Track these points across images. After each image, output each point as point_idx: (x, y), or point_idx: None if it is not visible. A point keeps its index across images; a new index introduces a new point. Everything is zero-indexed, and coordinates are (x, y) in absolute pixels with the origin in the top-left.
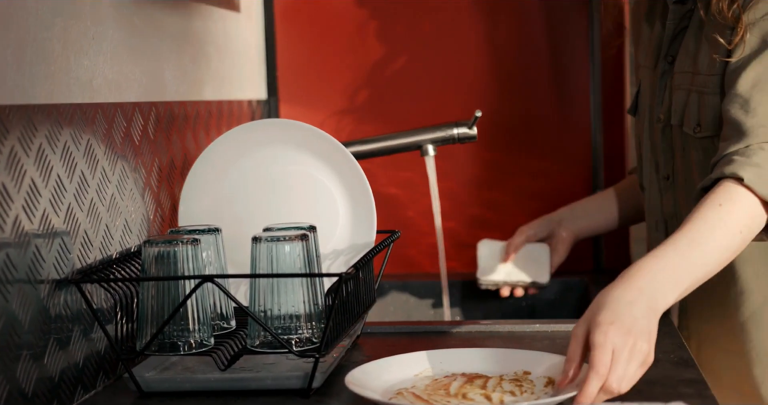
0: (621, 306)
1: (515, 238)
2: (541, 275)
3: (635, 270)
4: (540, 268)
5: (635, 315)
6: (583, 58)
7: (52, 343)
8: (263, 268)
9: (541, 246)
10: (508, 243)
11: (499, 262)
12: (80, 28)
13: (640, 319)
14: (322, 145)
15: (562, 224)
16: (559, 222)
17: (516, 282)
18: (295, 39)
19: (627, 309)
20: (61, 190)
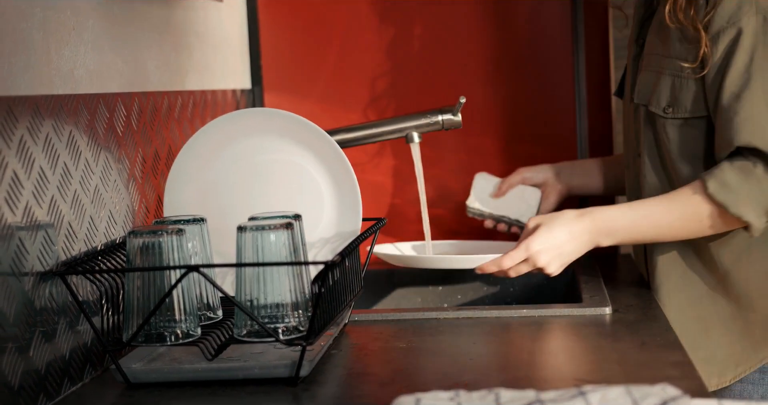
0: (564, 232)
1: (511, 176)
2: (526, 216)
3: (597, 213)
4: (527, 209)
5: (568, 247)
6: (567, 43)
7: (38, 335)
8: (249, 258)
9: (534, 189)
10: (503, 180)
11: (490, 196)
12: (60, 19)
13: (569, 251)
14: (307, 134)
15: (560, 175)
16: (558, 172)
17: (501, 216)
18: (278, 27)
19: (567, 237)
20: (44, 181)
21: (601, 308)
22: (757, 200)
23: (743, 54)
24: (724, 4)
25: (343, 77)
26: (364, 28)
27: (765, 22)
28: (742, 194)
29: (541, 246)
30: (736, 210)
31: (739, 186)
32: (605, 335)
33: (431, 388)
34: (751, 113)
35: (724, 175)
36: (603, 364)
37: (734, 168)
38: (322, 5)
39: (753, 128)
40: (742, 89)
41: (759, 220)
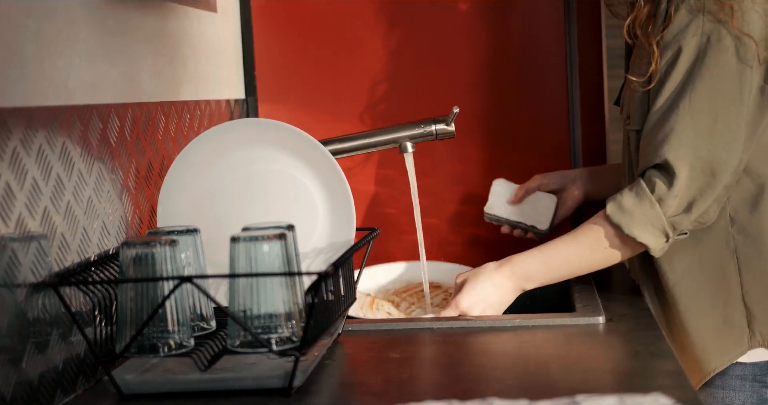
0: (488, 285)
1: (529, 182)
2: (543, 222)
3: (513, 261)
4: (543, 216)
5: (493, 298)
6: (560, 52)
7: (31, 346)
8: (242, 268)
9: (551, 196)
10: (520, 186)
11: (507, 202)
12: (54, 30)
13: (496, 300)
14: (301, 144)
15: (577, 182)
16: (574, 179)
17: (517, 222)
18: (272, 38)
19: (491, 289)
20: (37, 193)
21: (594, 317)
22: (651, 222)
23: (680, 70)
24: (675, 21)
25: (337, 87)
26: (358, 39)
27: (708, 43)
28: (635, 216)
29: (469, 302)
30: (629, 231)
31: (634, 208)
32: (598, 344)
33: (424, 399)
34: (673, 128)
35: (623, 198)
36: (596, 373)
37: (632, 192)
38: (315, 16)
39: (671, 142)
40: (672, 103)
41: (656, 240)
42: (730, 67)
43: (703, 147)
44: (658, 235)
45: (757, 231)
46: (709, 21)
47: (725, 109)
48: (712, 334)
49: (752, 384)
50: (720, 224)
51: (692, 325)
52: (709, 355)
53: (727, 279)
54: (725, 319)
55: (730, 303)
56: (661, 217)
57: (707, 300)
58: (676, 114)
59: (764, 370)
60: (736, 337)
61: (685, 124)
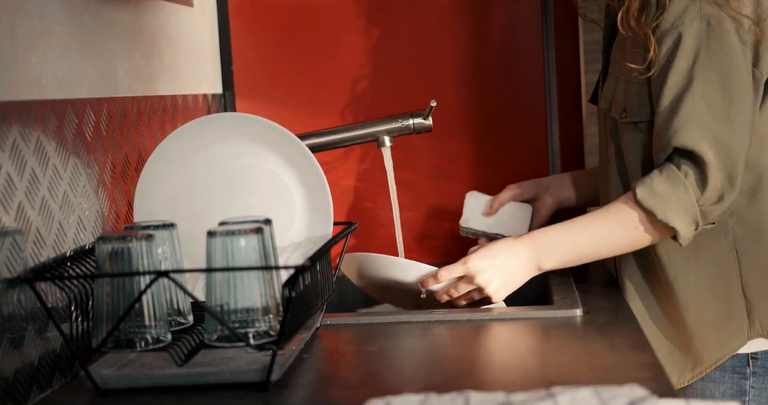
0: (503, 252)
1: (502, 193)
2: (520, 232)
3: (533, 233)
4: (519, 226)
5: (508, 266)
6: (537, 47)
7: (6, 342)
8: (219, 263)
9: (525, 206)
10: (494, 198)
11: (482, 214)
12: (28, 25)
13: (509, 269)
14: (278, 139)
15: (550, 189)
16: (547, 187)
17: (494, 234)
18: (249, 32)
19: (506, 256)
20: (11, 188)
21: (571, 310)
22: (684, 208)
23: (685, 56)
24: (670, 8)
25: (314, 82)
26: (335, 33)
27: (708, 27)
28: (669, 201)
29: (480, 262)
30: (662, 216)
31: (667, 193)
32: (576, 337)
33: (402, 392)
34: (689, 115)
35: (653, 182)
36: (573, 365)
37: (663, 176)
38: (292, 11)
39: (690, 130)
40: (683, 91)
41: (686, 228)
42: (735, 50)
43: (723, 134)
44: (689, 222)
45: (755, 222)
46: (706, 4)
47: (738, 91)
48: (712, 326)
49: (731, 375)
50: None
51: (692, 318)
52: (710, 346)
53: (726, 270)
54: (725, 310)
55: (730, 295)
56: (694, 203)
57: (707, 292)
58: (690, 101)
59: (744, 361)
60: (735, 329)
61: (701, 111)
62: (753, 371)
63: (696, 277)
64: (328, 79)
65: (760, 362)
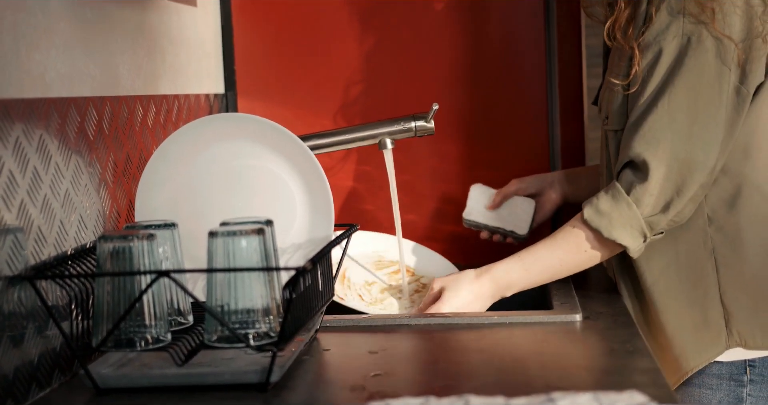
0: (469, 294)
1: (507, 187)
2: (521, 227)
3: (492, 270)
4: (522, 221)
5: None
6: (539, 51)
7: (6, 340)
8: (220, 263)
9: (529, 200)
10: (498, 191)
11: (485, 207)
12: (31, 22)
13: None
14: (279, 139)
15: (554, 185)
16: (552, 182)
17: (496, 228)
18: (252, 32)
19: (471, 297)
20: (13, 185)
21: (571, 315)
22: (629, 224)
23: (661, 71)
24: (655, 23)
25: (317, 83)
26: (339, 34)
27: (688, 43)
28: (614, 218)
29: (449, 310)
30: (608, 234)
31: (611, 211)
32: (575, 342)
33: (401, 395)
34: (650, 127)
35: (599, 202)
36: (572, 370)
37: (608, 195)
38: (296, 11)
39: (648, 141)
40: (650, 104)
41: (634, 241)
42: (710, 69)
43: (681, 147)
44: (636, 235)
45: (734, 230)
46: (689, 22)
47: (704, 110)
48: (689, 334)
49: (729, 383)
50: (698, 223)
51: (670, 325)
52: (687, 354)
53: (704, 278)
54: (703, 318)
55: (708, 302)
56: (638, 217)
57: (685, 299)
58: (655, 114)
59: (741, 368)
60: (713, 337)
61: (663, 124)
62: (750, 379)
63: (674, 284)
64: (331, 80)
65: (757, 370)
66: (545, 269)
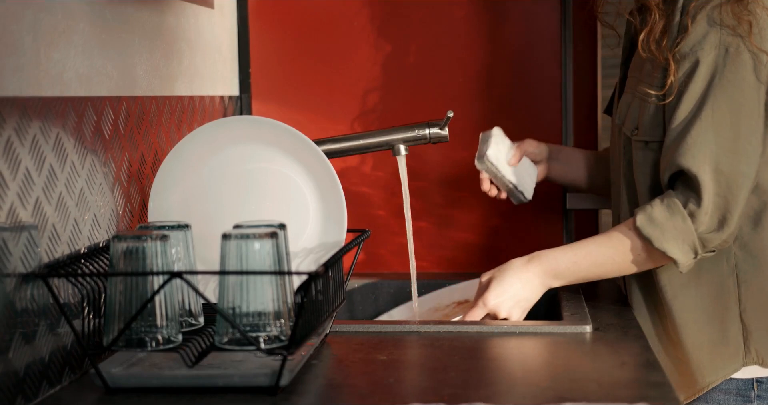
0: (516, 281)
1: (524, 145)
2: (528, 191)
3: (542, 257)
4: (528, 184)
5: (522, 294)
6: (554, 60)
7: (18, 337)
8: (233, 265)
9: (533, 165)
10: (517, 146)
11: (503, 155)
12: (51, 21)
13: (524, 297)
14: (294, 143)
15: (549, 156)
16: (549, 154)
17: (510, 182)
18: (268, 36)
19: (519, 285)
20: (29, 183)
21: (581, 326)
22: (682, 238)
23: (700, 82)
24: (692, 33)
25: (331, 87)
26: (355, 39)
27: (726, 55)
28: (667, 230)
29: (497, 299)
30: (659, 245)
31: (665, 222)
32: (585, 353)
33: (410, 402)
34: (696, 140)
35: (653, 210)
36: (582, 382)
37: (663, 204)
38: (312, 15)
39: (695, 154)
40: (693, 115)
41: (684, 256)
42: (749, 82)
43: (725, 161)
44: (687, 250)
45: (758, 248)
46: (727, 34)
47: (746, 124)
48: (707, 349)
49: (736, 398)
50: None
51: (688, 339)
52: (704, 369)
53: (725, 295)
54: (721, 334)
55: (727, 319)
56: (692, 232)
57: (704, 315)
58: (699, 126)
59: (749, 384)
60: (731, 353)
61: (708, 138)
62: (758, 395)
63: (694, 299)
64: (345, 85)
65: (764, 386)
66: (595, 265)
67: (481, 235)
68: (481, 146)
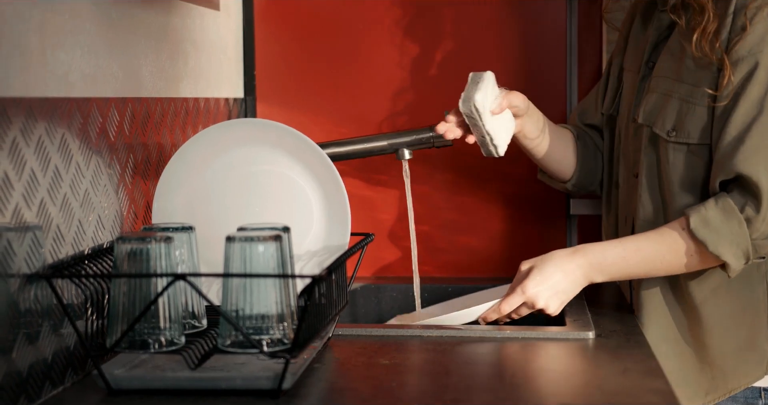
0: (557, 272)
1: (511, 97)
2: (502, 146)
3: (588, 249)
4: (504, 139)
5: (562, 285)
6: (560, 64)
7: (21, 337)
8: (236, 268)
9: (513, 120)
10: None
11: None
12: (57, 22)
13: (564, 289)
14: (298, 146)
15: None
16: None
17: (487, 133)
18: (273, 38)
19: (560, 276)
20: (34, 183)
21: (584, 332)
22: (736, 242)
23: (758, 86)
24: (748, 36)
25: (336, 90)
26: (360, 43)
27: None
28: (722, 234)
29: (536, 288)
30: (714, 249)
31: (720, 225)
32: (587, 360)
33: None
34: (757, 145)
35: (708, 212)
36: (584, 388)
37: (718, 207)
38: (318, 18)
39: (756, 160)
40: (752, 120)
41: (737, 261)
42: None
43: None
44: (740, 256)
45: None
46: None
47: None
48: (733, 356)
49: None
50: None
51: (715, 345)
52: (727, 376)
53: (754, 302)
54: (748, 342)
55: (755, 326)
56: (747, 237)
57: (732, 321)
58: (759, 131)
59: (756, 393)
60: (755, 361)
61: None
62: (765, 403)
63: (724, 304)
64: (350, 88)
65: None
66: (644, 262)
67: (484, 239)
68: (469, 88)
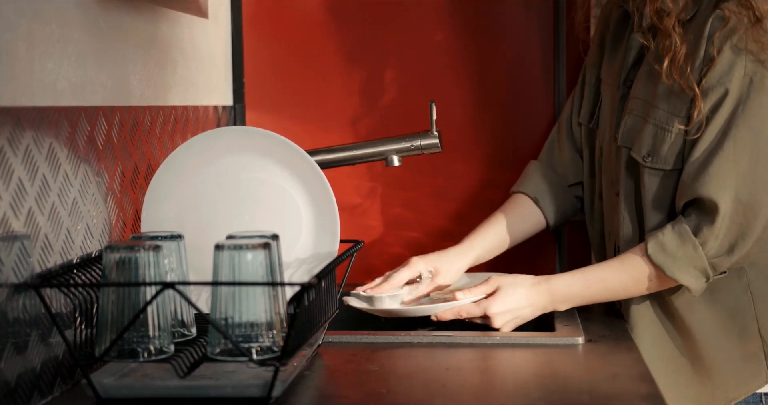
0: (523, 300)
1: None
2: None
3: (552, 281)
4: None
5: (523, 312)
6: (548, 70)
7: (9, 347)
8: (225, 276)
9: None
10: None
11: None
12: (45, 31)
13: (524, 315)
14: (287, 154)
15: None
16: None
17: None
18: (262, 46)
19: (524, 303)
20: (22, 193)
21: (573, 338)
22: (693, 264)
23: (724, 113)
24: (717, 65)
25: (325, 98)
26: (348, 50)
27: (751, 84)
28: (678, 258)
29: (499, 309)
30: (671, 273)
31: (676, 250)
32: (577, 365)
33: None
34: (717, 171)
35: (664, 237)
36: (574, 394)
37: (674, 231)
38: (306, 26)
39: (716, 184)
40: (715, 146)
41: (697, 281)
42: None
43: (745, 190)
44: (698, 276)
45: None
46: (750, 61)
47: (765, 151)
48: (729, 366)
49: None
50: None
51: (709, 355)
52: (728, 385)
53: (742, 312)
54: (742, 351)
55: (746, 336)
56: (703, 259)
57: (722, 332)
58: (721, 156)
59: (757, 399)
60: (753, 370)
61: (729, 168)
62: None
63: (709, 315)
64: (339, 95)
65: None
66: (606, 290)
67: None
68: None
